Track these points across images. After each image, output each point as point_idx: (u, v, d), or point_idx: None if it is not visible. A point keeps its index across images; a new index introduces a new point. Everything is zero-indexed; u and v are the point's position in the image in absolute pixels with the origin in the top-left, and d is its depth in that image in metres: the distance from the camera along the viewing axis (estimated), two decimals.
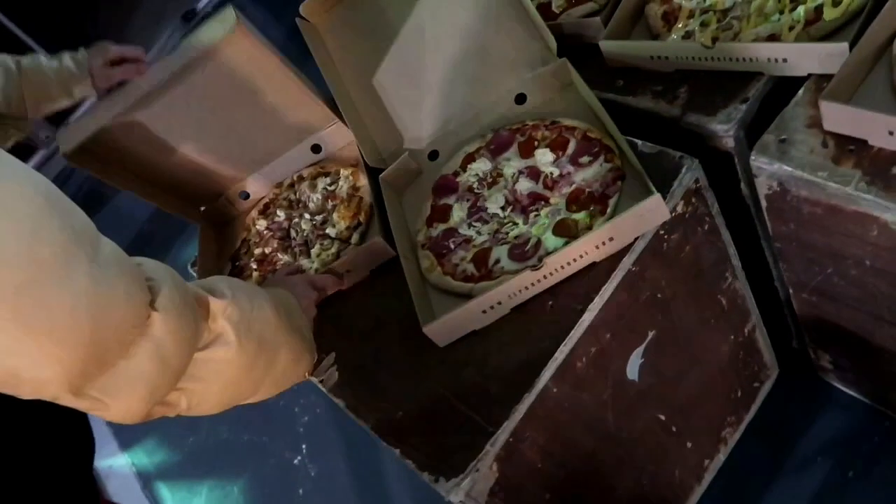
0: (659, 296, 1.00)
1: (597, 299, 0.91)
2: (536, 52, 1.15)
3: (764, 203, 0.97)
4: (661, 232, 0.94)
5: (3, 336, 0.53)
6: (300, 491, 1.80)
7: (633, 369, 1.02)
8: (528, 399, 0.88)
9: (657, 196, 0.88)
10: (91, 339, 0.58)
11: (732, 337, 1.19)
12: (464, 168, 1.13)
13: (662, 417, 1.13)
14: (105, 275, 0.60)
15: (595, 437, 1.02)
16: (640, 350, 1.01)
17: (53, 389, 0.58)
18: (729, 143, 0.97)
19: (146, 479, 2.08)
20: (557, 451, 0.96)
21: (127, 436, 2.13)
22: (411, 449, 0.91)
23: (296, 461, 1.86)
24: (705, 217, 1.01)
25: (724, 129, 0.96)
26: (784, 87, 0.96)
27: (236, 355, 0.74)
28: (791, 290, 1.13)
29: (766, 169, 0.90)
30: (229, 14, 1.14)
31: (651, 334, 1.02)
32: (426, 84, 1.22)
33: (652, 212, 0.90)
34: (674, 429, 1.16)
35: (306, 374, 0.98)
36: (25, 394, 0.58)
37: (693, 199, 0.97)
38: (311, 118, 1.28)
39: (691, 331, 1.10)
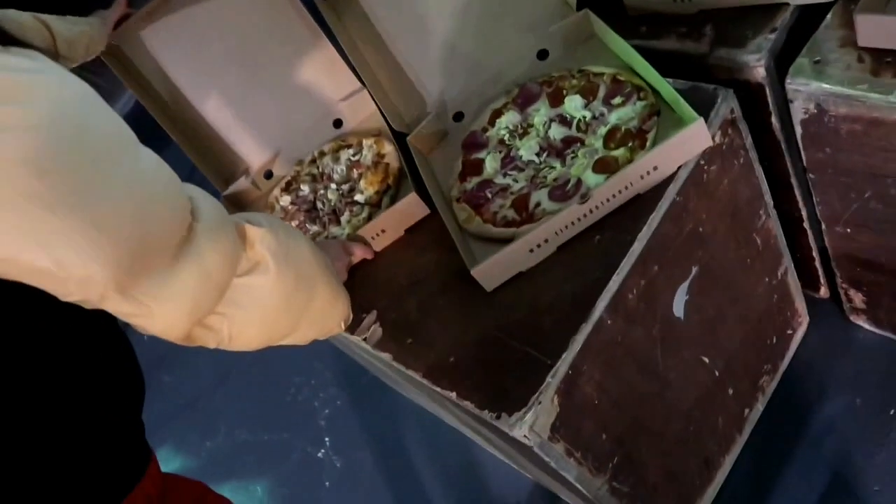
0: (700, 230, 1.00)
1: (645, 228, 0.91)
2: (556, 6, 1.16)
3: (799, 130, 0.98)
4: (702, 162, 0.95)
5: (50, 221, 0.53)
6: (326, 484, 1.77)
7: (678, 306, 1.02)
8: (585, 330, 0.87)
9: (700, 120, 0.89)
10: (136, 234, 0.59)
11: (767, 279, 1.19)
12: (492, 123, 1.13)
13: (706, 360, 1.12)
14: (148, 173, 0.62)
15: (646, 377, 1.01)
16: (685, 286, 1.01)
17: (100, 285, 0.57)
18: (760, 73, 0.98)
19: None
20: (613, 388, 0.95)
21: None
22: (468, 390, 0.90)
23: (320, 454, 1.83)
24: (740, 150, 1.01)
25: (755, 58, 0.97)
26: (809, 17, 0.98)
27: (275, 282, 0.75)
28: (824, 227, 1.14)
29: (803, 91, 0.91)
30: None
31: (694, 270, 1.02)
32: (446, 47, 1.22)
33: (695, 138, 0.90)
34: (717, 373, 1.16)
35: (343, 323, 0.97)
36: (73, 291, 0.58)
37: (729, 130, 0.97)
38: (337, 84, 1.28)
39: (730, 270, 1.10)
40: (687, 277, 1.01)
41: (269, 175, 1.36)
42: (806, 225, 1.22)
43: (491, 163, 1.08)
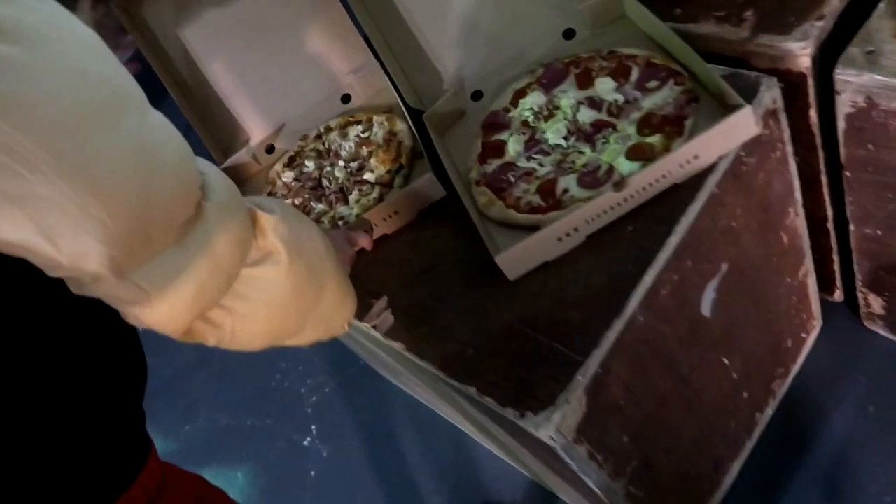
0: (733, 225, 0.95)
1: (682, 220, 0.85)
2: None
3: (842, 125, 0.93)
4: (742, 154, 0.90)
5: (42, 184, 0.44)
6: (312, 473, 1.71)
7: (706, 304, 0.97)
8: (617, 326, 0.82)
9: (748, 108, 0.83)
10: (138, 205, 0.50)
11: (789, 280, 1.15)
12: (514, 104, 1.07)
13: (726, 362, 1.08)
14: (157, 136, 0.53)
15: (670, 377, 0.96)
16: (714, 283, 0.96)
17: (94, 263, 0.49)
18: (805, 62, 0.93)
19: None
20: (638, 388, 0.90)
21: None
22: (489, 385, 0.84)
23: (305, 443, 1.76)
24: (778, 143, 0.96)
25: (800, 46, 0.92)
26: (858, 4, 0.93)
27: (286, 276, 0.66)
28: (852, 227, 1.10)
29: (853, 82, 0.86)
30: None
31: (724, 267, 0.97)
32: (466, 22, 1.15)
33: (739, 126, 0.85)
34: (735, 375, 1.11)
35: (347, 324, 0.88)
36: (65, 265, 0.49)
37: (770, 122, 0.92)
38: (349, 57, 1.21)
39: (757, 268, 1.05)
40: (716, 275, 0.96)
41: (270, 149, 1.29)
42: (830, 225, 1.18)
43: (514, 145, 1.02)
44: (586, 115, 0.99)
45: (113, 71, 0.52)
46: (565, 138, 0.99)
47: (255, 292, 0.64)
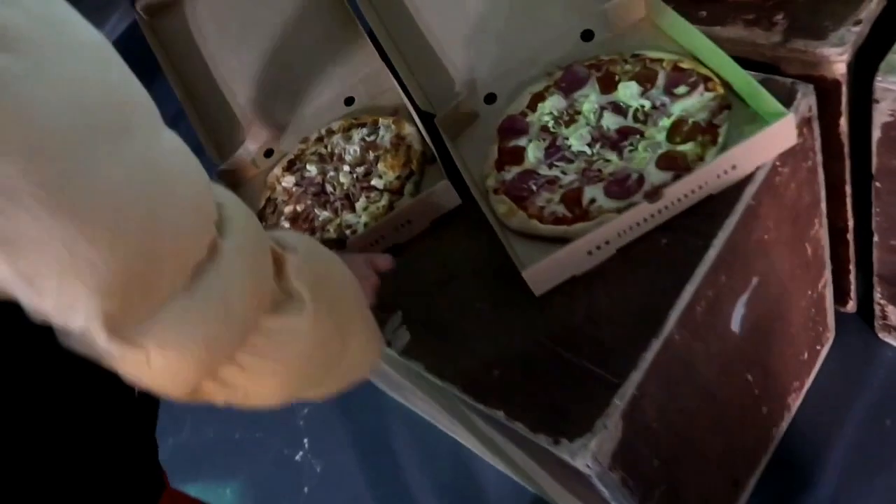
0: (766, 237, 0.91)
1: (720, 234, 0.81)
2: None
3: (877, 134, 0.90)
4: (777, 164, 0.86)
5: (25, 219, 0.37)
6: (305, 489, 1.64)
7: (736, 320, 0.93)
8: (655, 346, 0.77)
9: (790, 115, 0.79)
10: (139, 244, 0.42)
11: (809, 292, 1.12)
12: (532, 108, 1.02)
13: (750, 378, 1.04)
14: (166, 161, 0.45)
15: (698, 396, 0.92)
16: (744, 298, 0.92)
17: (81, 314, 0.41)
18: (840, 68, 0.90)
19: None
20: (670, 409, 0.86)
21: None
22: (518, 409, 0.79)
23: (297, 457, 1.70)
24: (810, 152, 0.93)
25: (837, 52, 0.89)
26: (891, 10, 0.90)
27: (310, 326, 0.57)
28: (876, 238, 1.06)
29: (895, 90, 0.83)
30: None
31: (755, 281, 0.93)
32: (477, 23, 1.10)
33: (780, 135, 0.81)
34: (756, 391, 1.08)
35: (375, 365, 0.77)
36: (48, 311, 0.41)
37: (804, 130, 0.89)
38: (355, 56, 1.15)
39: (783, 281, 1.02)
40: (747, 289, 0.92)
41: (269, 153, 1.22)
42: (850, 236, 1.15)
43: (533, 151, 0.97)
44: (611, 121, 0.94)
45: (120, 82, 0.44)
46: (589, 145, 0.94)
47: (273, 345, 0.55)
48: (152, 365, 0.46)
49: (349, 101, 1.21)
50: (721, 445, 1.04)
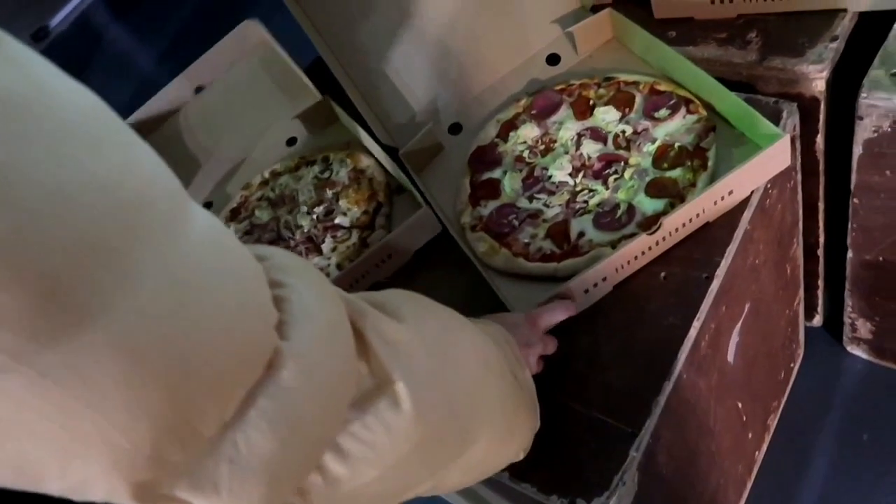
0: (756, 261, 0.88)
1: (722, 263, 0.77)
2: (567, 5, 1.02)
3: (858, 150, 0.88)
4: (768, 186, 0.83)
5: (9, 377, 0.27)
6: None
7: (731, 350, 0.89)
8: (667, 389, 0.72)
9: (786, 137, 0.76)
10: (172, 387, 0.31)
11: (787, 311, 1.10)
12: (503, 137, 0.96)
13: (740, 405, 1.01)
14: (196, 262, 0.33)
15: (699, 433, 0.88)
16: (738, 327, 0.89)
17: (100, 490, 0.32)
18: (819, 85, 0.88)
19: None
20: (678, 452, 0.81)
21: None
22: (524, 467, 0.72)
23: None
24: (792, 172, 0.91)
25: (816, 69, 0.87)
26: (870, 25, 0.89)
27: (411, 425, 0.44)
28: (850, 254, 1.05)
29: (881, 106, 0.81)
30: None
31: (747, 308, 0.89)
32: (438, 50, 1.04)
33: (776, 158, 0.78)
34: (744, 418, 1.04)
35: (522, 452, 0.67)
36: (53, 493, 0.32)
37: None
38: (292, 95, 1.07)
39: (769, 303, 0.99)
40: (741, 317, 0.89)
41: (208, 206, 1.12)
42: (820, 252, 1.14)
43: (510, 183, 0.91)
44: (591, 148, 0.90)
45: (127, 163, 0.31)
46: (571, 175, 0.89)
47: (359, 448, 0.43)
48: None
49: (291, 140, 1.13)
50: (716, 478, 1.00)
